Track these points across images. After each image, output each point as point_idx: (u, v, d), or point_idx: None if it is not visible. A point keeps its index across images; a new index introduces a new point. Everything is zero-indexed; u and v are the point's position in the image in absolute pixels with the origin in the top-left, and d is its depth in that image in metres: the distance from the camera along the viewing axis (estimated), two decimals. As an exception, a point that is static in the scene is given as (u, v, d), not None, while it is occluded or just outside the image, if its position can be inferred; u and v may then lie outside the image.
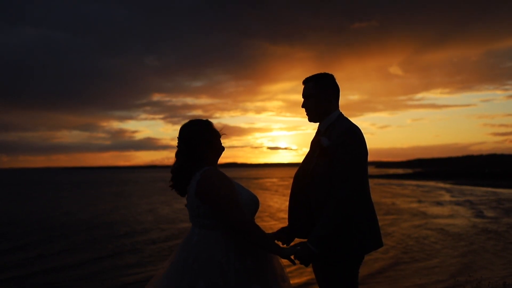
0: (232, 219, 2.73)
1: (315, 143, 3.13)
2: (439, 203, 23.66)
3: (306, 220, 3.07)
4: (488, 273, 8.83)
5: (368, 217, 3.02)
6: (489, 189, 35.47)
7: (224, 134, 3.10)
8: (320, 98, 3.09)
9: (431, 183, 47.01)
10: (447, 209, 20.85)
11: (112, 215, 20.52)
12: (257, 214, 3.01)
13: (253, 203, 2.94)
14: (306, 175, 3.11)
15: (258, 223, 2.86)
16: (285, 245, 3.14)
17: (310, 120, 3.19)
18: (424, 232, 14.12)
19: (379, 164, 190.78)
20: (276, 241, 3.14)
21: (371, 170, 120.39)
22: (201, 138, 2.96)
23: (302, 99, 3.19)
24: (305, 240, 2.94)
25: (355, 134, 2.97)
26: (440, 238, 12.94)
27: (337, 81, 3.19)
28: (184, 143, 2.99)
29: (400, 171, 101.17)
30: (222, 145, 3.10)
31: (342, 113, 3.16)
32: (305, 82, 3.17)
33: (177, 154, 3.01)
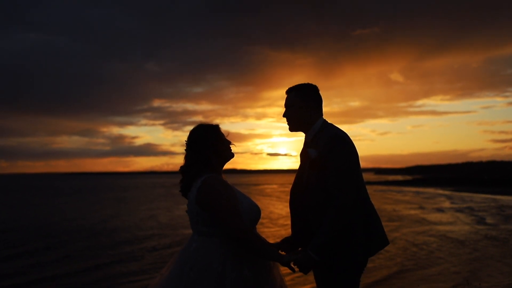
0: (231, 227, 2.71)
1: (303, 156, 3.12)
2: (440, 210, 23.62)
3: (307, 230, 3.05)
4: (492, 280, 8.78)
5: (368, 219, 3.01)
6: (489, 196, 35.42)
7: (233, 144, 3.08)
8: (301, 108, 3.08)
9: (431, 190, 46.95)
10: (448, 215, 20.81)
11: (113, 221, 20.45)
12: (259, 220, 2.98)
13: (254, 212, 2.92)
14: (301, 188, 3.09)
15: (260, 230, 2.86)
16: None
17: (291, 129, 3.17)
18: (427, 239, 14.07)
19: (378, 171, 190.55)
20: (280, 251, 3.11)
21: (371, 176, 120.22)
22: (205, 143, 2.95)
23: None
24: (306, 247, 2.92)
25: (342, 140, 2.95)
26: (443, 245, 12.89)
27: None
28: (190, 146, 2.99)
29: (399, 177, 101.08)
30: (232, 152, 3.07)
31: (326, 120, 3.14)
32: (287, 92, 3.16)
33: (184, 158, 3.02)
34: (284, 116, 3.17)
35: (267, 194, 42.35)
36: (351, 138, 3.06)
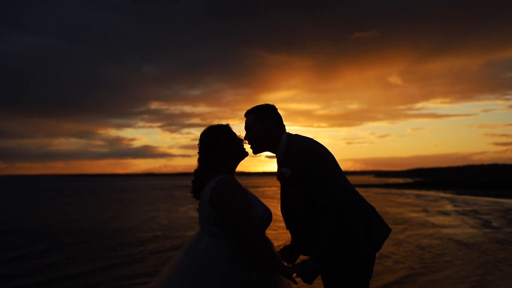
0: (241, 231, 2.67)
1: (280, 177, 3.08)
2: (444, 213, 23.50)
3: (305, 239, 3.04)
4: (503, 285, 8.66)
5: (366, 214, 2.99)
6: (491, 198, 35.35)
7: (245, 142, 3.06)
8: (260, 130, 3.05)
9: (432, 193, 46.92)
10: (453, 218, 20.68)
11: (114, 223, 20.33)
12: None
13: (266, 217, 2.87)
14: (289, 206, 3.09)
15: (266, 232, 2.85)
16: (290, 264, 3.13)
17: (254, 152, 3.14)
18: (434, 242, 13.94)
19: (378, 174, 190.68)
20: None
21: (371, 179, 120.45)
22: (217, 144, 2.91)
23: (245, 130, 3.13)
24: (307, 258, 2.92)
25: (310, 150, 2.91)
26: (450, 248, 12.75)
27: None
28: (202, 149, 2.95)
29: (400, 180, 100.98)
30: (245, 150, 3.04)
31: (290, 132, 3.10)
32: (246, 115, 3.14)
33: (198, 160, 2.99)
34: (245, 139, 3.13)
35: (268, 196, 42.22)
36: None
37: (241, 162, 3.06)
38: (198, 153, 2.98)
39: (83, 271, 10.34)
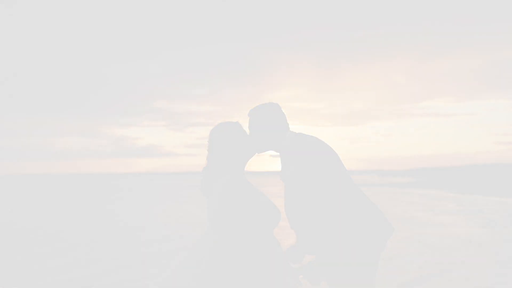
0: (247, 231, 2.76)
1: (283, 177, 3.18)
2: (450, 212, 23.49)
3: (311, 239, 3.07)
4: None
5: (366, 212, 3.02)
6: (495, 198, 35.22)
7: None
8: (264, 129, 3.11)
9: (436, 192, 46.74)
10: (458, 218, 20.67)
11: (122, 223, 20.34)
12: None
13: (274, 216, 2.94)
14: (293, 208, 3.12)
15: (274, 231, 2.91)
16: (296, 264, 3.20)
17: (258, 151, 3.20)
18: (443, 241, 13.96)
19: (382, 173, 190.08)
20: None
21: (375, 178, 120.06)
22: (227, 142, 2.97)
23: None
24: (313, 258, 2.99)
25: (315, 150, 2.97)
26: (460, 248, 12.78)
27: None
28: (211, 147, 3.01)
29: (403, 179, 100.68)
30: (254, 148, 3.15)
31: (293, 131, 3.14)
32: (249, 114, 3.18)
33: (207, 158, 3.03)
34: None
35: (275, 195, 42.25)
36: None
37: None
38: (207, 150, 3.03)
39: (92, 272, 10.36)
